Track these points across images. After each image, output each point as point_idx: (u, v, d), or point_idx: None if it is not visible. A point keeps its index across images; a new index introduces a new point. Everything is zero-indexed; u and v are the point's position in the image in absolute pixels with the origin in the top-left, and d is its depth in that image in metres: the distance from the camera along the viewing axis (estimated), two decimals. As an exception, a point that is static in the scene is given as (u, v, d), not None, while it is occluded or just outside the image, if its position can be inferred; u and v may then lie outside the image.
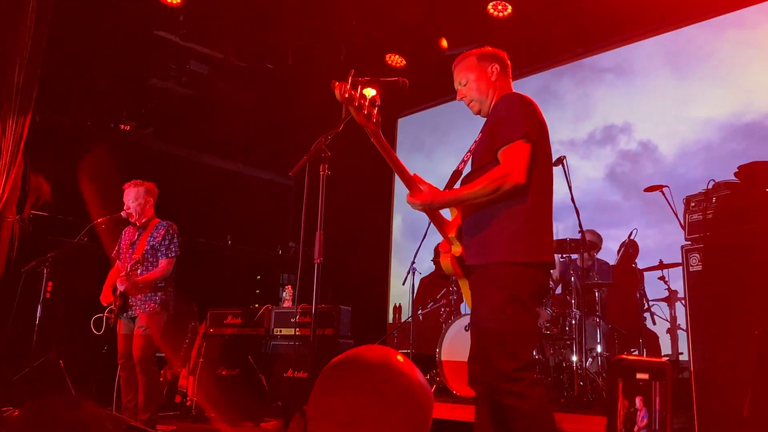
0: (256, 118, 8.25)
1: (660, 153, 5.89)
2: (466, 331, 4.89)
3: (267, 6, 6.54)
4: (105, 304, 4.63)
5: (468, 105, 2.83)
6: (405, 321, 6.22)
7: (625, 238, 5.56)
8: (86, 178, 6.21)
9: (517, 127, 2.49)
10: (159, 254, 4.59)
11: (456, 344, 4.88)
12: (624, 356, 0.72)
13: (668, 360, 5.14)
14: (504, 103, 2.64)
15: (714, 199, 3.66)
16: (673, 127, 5.78)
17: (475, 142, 2.77)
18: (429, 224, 5.80)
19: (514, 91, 2.77)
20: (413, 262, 5.94)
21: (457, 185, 2.78)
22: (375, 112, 2.50)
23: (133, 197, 4.67)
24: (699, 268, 3.61)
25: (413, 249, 7.09)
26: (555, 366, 4.71)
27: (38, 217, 6.01)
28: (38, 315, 4.88)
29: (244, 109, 8.13)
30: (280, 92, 8.25)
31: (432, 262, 6.98)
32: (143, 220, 4.70)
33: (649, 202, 4.90)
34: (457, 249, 2.69)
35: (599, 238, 5.44)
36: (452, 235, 2.73)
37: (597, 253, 5.38)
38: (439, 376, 4.89)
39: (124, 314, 4.52)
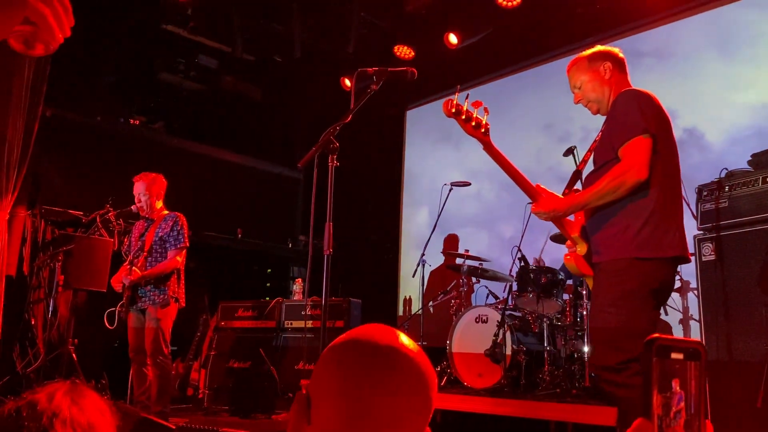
0: (264, 112, 8.25)
1: (707, 141, 5.58)
2: (477, 323, 4.89)
3: (274, -2, 6.53)
4: (115, 288, 4.63)
5: (586, 106, 2.83)
6: (415, 313, 6.22)
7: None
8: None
9: (635, 122, 2.49)
10: (167, 245, 4.59)
11: (467, 336, 4.87)
12: (658, 335, 0.71)
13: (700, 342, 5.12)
14: (621, 100, 2.63)
15: (727, 188, 3.63)
16: (720, 112, 5.47)
17: (595, 141, 2.77)
18: (438, 218, 5.82)
19: (632, 86, 2.75)
20: (423, 254, 5.93)
21: (578, 185, 2.79)
22: (484, 121, 2.54)
23: (142, 190, 4.68)
24: (712, 257, 3.58)
25: (439, 241, 7.05)
26: (566, 357, 4.70)
27: (50, 212, 6.04)
28: (51, 308, 4.91)
29: (252, 102, 8.13)
30: (288, 85, 8.24)
31: (441, 254, 6.97)
32: (152, 213, 4.72)
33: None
34: (582, 248, 2.69)
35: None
36: (576, 234, 2.72)
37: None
38: (449, 368, 4.89)
39: (134, 306, 4.53)
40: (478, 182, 6.63)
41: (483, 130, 2.55)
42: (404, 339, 0.98)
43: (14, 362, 5.23)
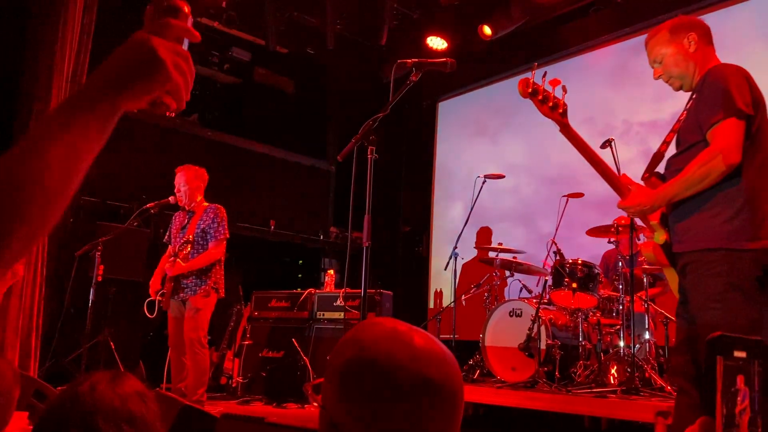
0: (297, 104, 8.29)
1: None
2: (510, 317, 4.86)
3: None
4: (152, 292, 4.70)
5: (667, 82, 2.58)
6: (447, 306, 6.20)
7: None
8: None
9: (728, 103, 2.27)
10: (208, 237, 4.66)
11: (500, 330, 4.85)
12: (722, 333, 0.69)
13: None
14: (713, 77, 2.38)
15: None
16: None
17: (679, 120, 2.55)
18: (471, 211, 5.78)
19: (719, 60, 2.50)
20: (455, 247, 5.90)
21: (660, 168, 2.59)
22: (562, 102, 2.39)
23: (185, 181, 4.75)
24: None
25: (472, 234, 7.00)
26: (602, 352, 4.65)
27: (88, 203, 6.16)
28: (91, 298, 5.01)
29: (285, 94, 8.17)
30: (320, 77, 8.27)
31: (474, 248, 6.94)
32: (192, 205, 4.78)
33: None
34: (660, 236, 2.50)
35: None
36: (655, 222, 2.53)
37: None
38: (483, 361, 4.88)
39: (175, 297, 4.61)
40: (516, 176, 6.58)
41: (561, 111, 2.38)
42: (423, 344, 0.92)
43: (54, 350, 5.35)
